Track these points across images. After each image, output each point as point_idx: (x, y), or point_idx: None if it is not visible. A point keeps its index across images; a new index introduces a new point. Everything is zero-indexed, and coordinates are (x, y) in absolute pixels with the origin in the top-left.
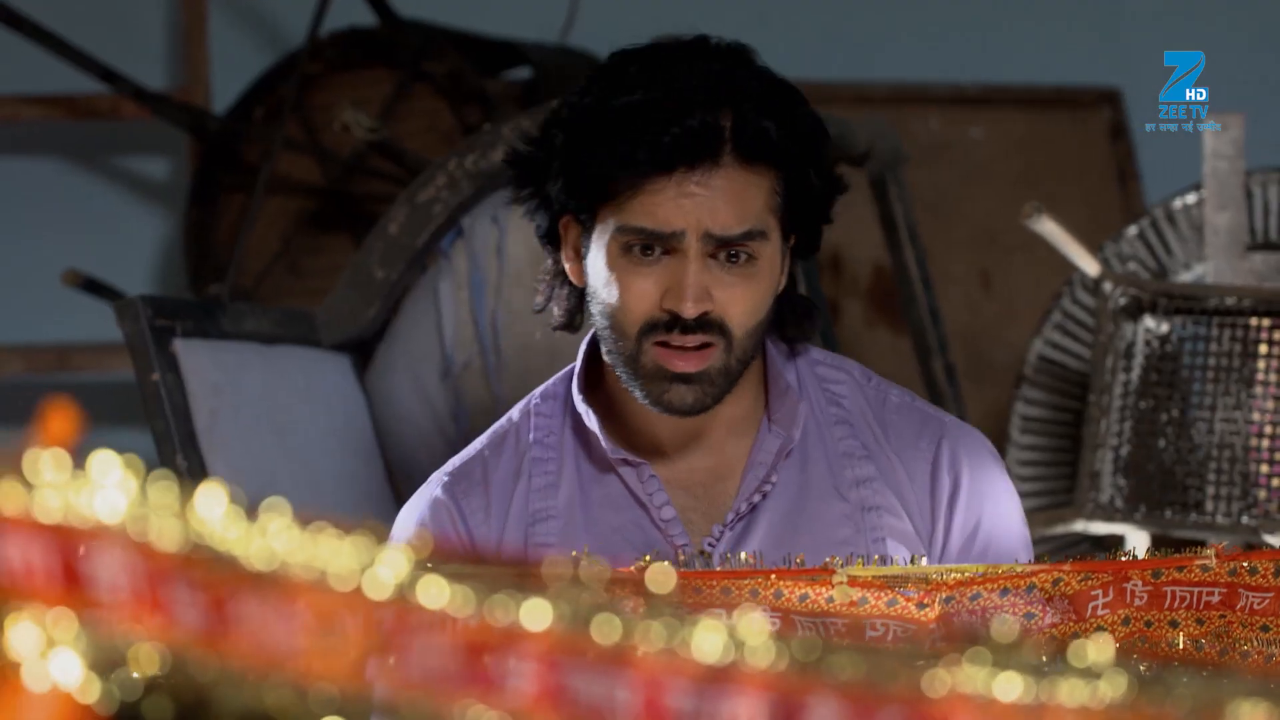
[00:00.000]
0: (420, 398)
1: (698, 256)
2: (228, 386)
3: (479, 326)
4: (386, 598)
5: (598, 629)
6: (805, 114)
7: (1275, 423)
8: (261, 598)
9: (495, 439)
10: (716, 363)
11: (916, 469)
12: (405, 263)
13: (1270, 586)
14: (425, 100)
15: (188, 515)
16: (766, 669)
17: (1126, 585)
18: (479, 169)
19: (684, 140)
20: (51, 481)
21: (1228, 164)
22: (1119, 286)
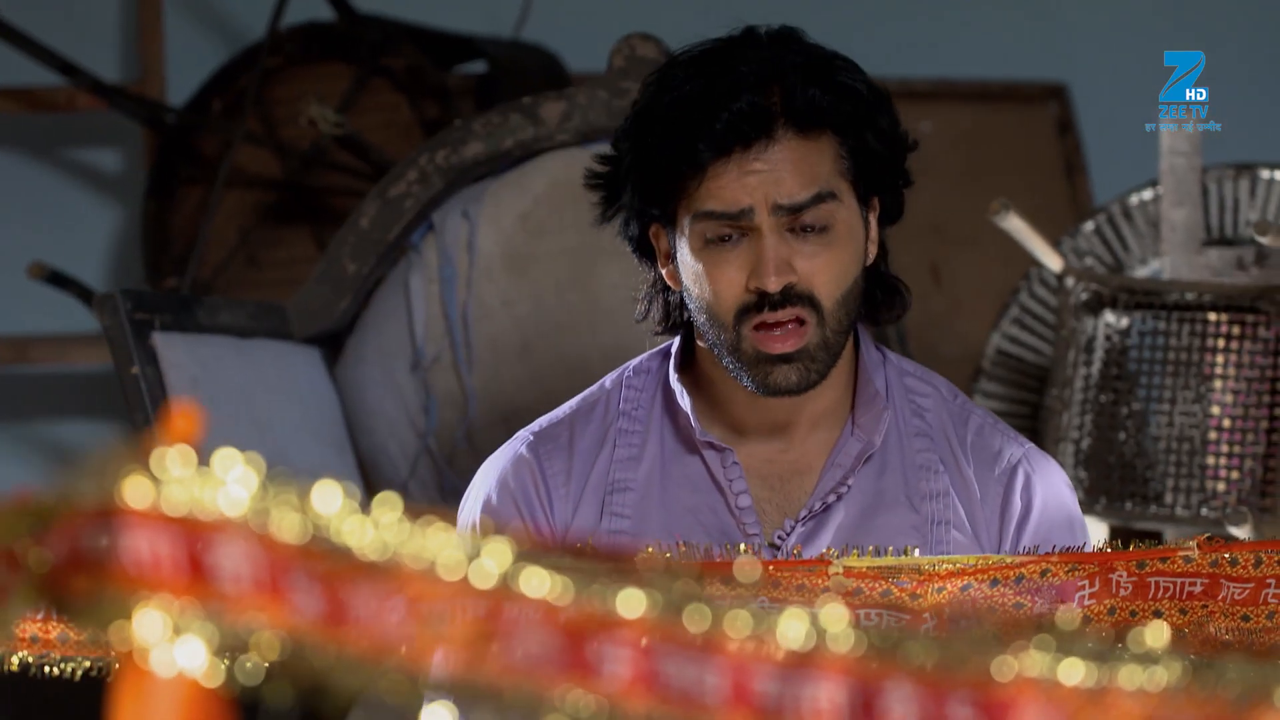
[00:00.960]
0: (391, 390)
1: (772, 230)
2: (205, 379)
3: (449, 320)
4: (491, 587)
5: (689, 617)
6: (855, 79)
7: (1233, 416)
8: (374, 587)
9: (586, 405)
10: (813, 338)
11: (990, 489)
12: (376, 256)
13: (1250, 577)
14: (384, 94)
15: (306, 509)
16: (846, 655)
17: (1112, 576)
18: (450, 164)
19: (735, 121)
20: (178, 477)
21: (1185, 161)
22: (1081, 282)
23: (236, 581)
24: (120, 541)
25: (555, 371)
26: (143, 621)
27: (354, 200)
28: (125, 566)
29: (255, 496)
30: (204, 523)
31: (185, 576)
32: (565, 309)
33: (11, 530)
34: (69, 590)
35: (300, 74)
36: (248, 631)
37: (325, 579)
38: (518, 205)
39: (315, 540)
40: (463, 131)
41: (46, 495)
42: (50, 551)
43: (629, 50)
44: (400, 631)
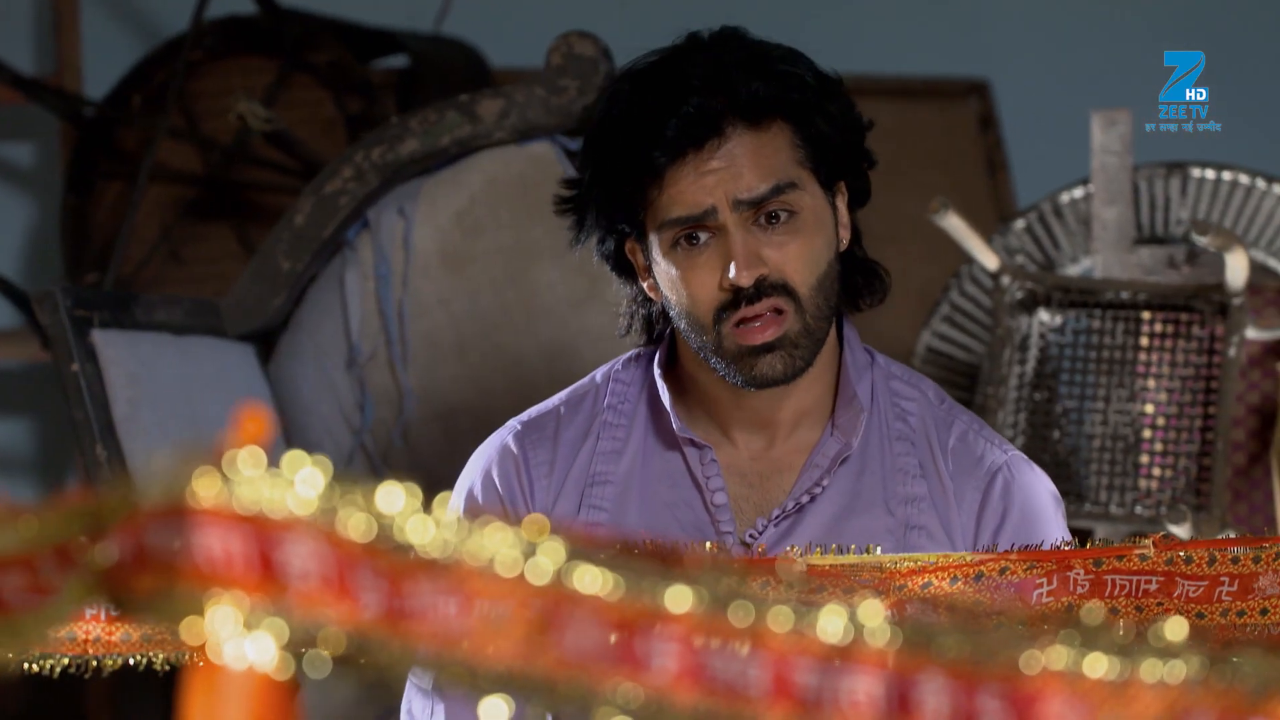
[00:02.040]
0: (325, 387)
1: (738, 226)
2: (145, 376)
3: (385, 317)
4: (546, 584)
5: (734, 612)
6: (800, 68)
7: (1167, 414)
8: (435, 584)
9: (575, 397)
10: (793, 325)
11: (967, 496)
12: (311, 254)
13: (1205, 575)
14: (307, 89)
15: (370, 508)
16: (882, 649)
17: (1069, 574)
18: (386, 161)
19: (685, 125)
20: (248, 478)
21: (1116, 159)
22: (1016, 280)
23: (305, 578)
24: (192, 540)
25: (492, 369)
26: (215, 617)
27: (278, 196)
28: (197, 564)
29: (322, 496)
30: (273, 522)
31: (256, 574)
32: (502, 307)
33: (63, 529)
34: (132, 587)
35: (221, 68)
36: (315, 627)
37: (389, 576)
38: (454, 203)
39: (380, 538)
40: (399, 129)
41: (106, 495)
42: (114, 549)
43: (566, 48)
44: (460, 626)
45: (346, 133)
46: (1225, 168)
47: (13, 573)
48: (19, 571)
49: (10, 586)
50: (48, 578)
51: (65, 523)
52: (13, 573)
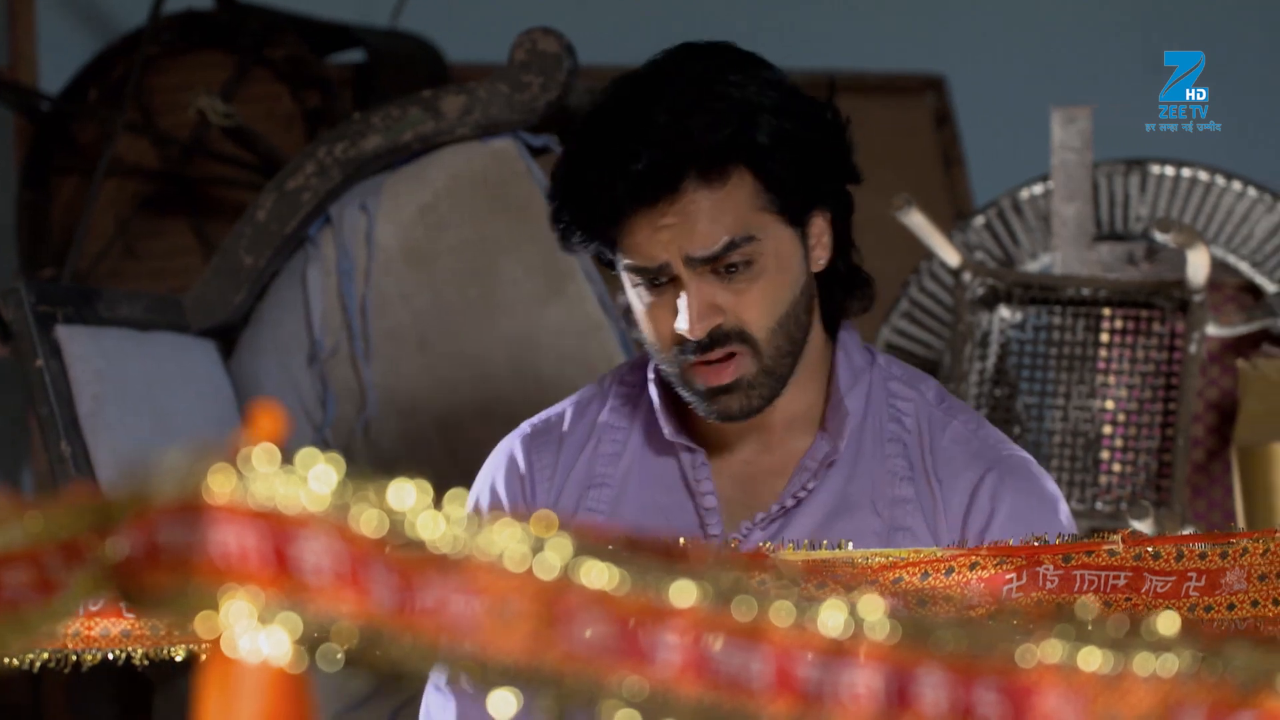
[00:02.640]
0: (287, 383)
1: (691, 279)
2: (109, 372)
3: (348, 312)
4: (553, 579)
5: (737, 607)
6: (766, 103)
7: (1127, 410)
8: (446, 579)
9: (583, 399)
10: (750, 368)
11: (954, 497)
12: (273, 249)
13: (1172, 570)
14: (265, 84)
15: (382, 504)
16: (882, 642)
17: (1039, 569)
18: (348, 157)
19: (637, 184)
20: (262, 475)
21: (1076, 156)
22: (977, 277)
23: (318, 574)
24: (207, 536)
25: (454, 365)
26: (230, 612)
27: (236, 191)
28: (212, 560)
29: (335, 492)
30: (287, 518)
31: (270, 569)
32: (465, 303)
33: (70, 525)
34: (144, 583)
35: (179, 63)
36: (329, 621)
37: (401, 571)
38: (417, 198)
39: (391, 534)
40: (361, 124)
41: (117, 492)
42: (125, 545)
43: (530, 44)
44: (470, 620)
45: (305, 128)
46: (1184, 164)
47: (18, 568)
48: (24, 567)
49: (15, 582)
50: (54, 574)
51: (72, 518)
52: (18, 568)
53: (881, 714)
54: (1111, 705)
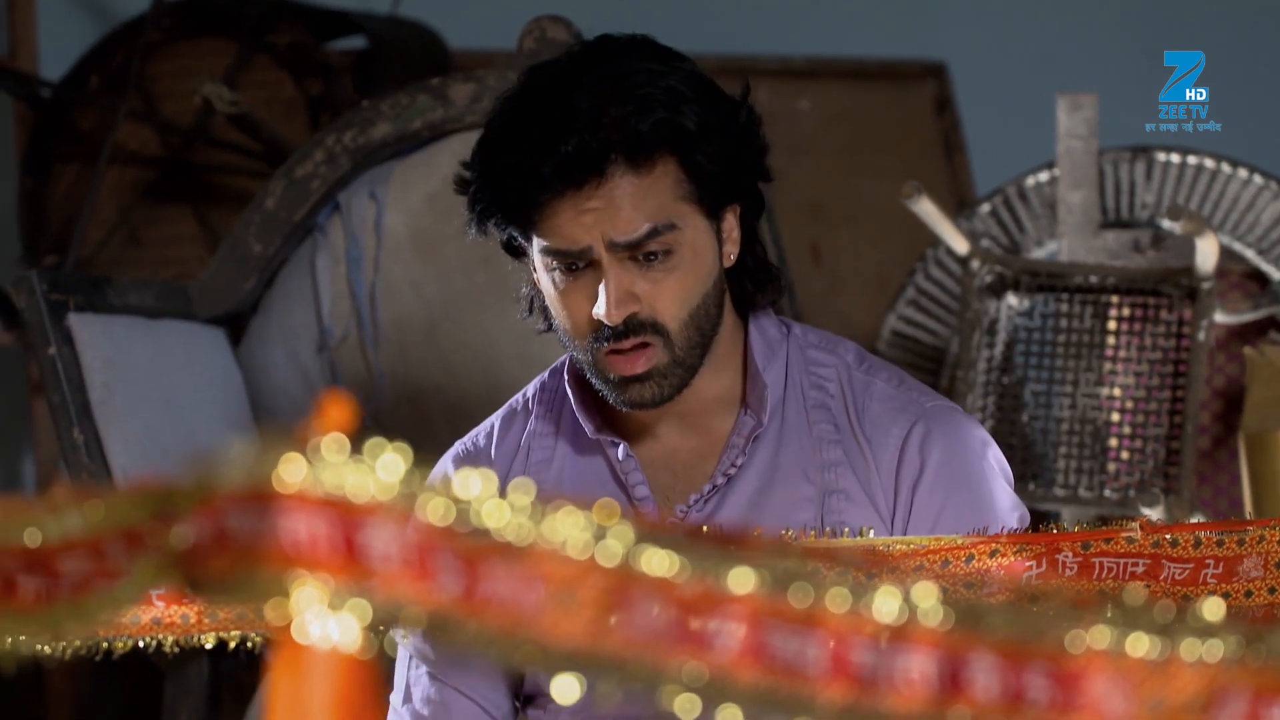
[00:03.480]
0: (296, 370)
1: (612, 265)
2: (119, 360)
3: (357, 300)
4: (615, 566)
5: (794, 593)
6: (690, 93)
7: (1135, 398)
8: (511, 566)
9: (509, 411)
10: (661, 358)
11: (884, 454)
12: (282, 237)
13: (1190, 558)
14: (267, 71)
15: (449, 493)
16: (935, 628)
17: (1058, 557)
18: (357, 144)
19: (564, 163)
20: (332, 463)
21: (1081, 144)
22: (985, 264)
23: (386, 561)
24: (277, 524)
25: (463, 352)
26: (301, 599)
27: (239, 179)
28: (282, 547)
29: (403, 481)
30: (357, 506)
31: (340, 556)
32: (473, 290)
33: (131, 513)
34: (211, 570)
35: (180, 50)
36: (396, 607)
37: (466, 558)
38: (426, 186)
39: (458, 522)
40: (370, 112)
41: (180, 480)
42: (191, 532)
43: (539, 32)
44: (533, 607)
45: (307, 114)
46: (1190, 152)
47: (79, 556)
48: (84, 555)
49: (77, 569)
50: (114, 561)
51: (133, 506)
52: (79, 556)
53: (934, 699)
54: (1158, 690)
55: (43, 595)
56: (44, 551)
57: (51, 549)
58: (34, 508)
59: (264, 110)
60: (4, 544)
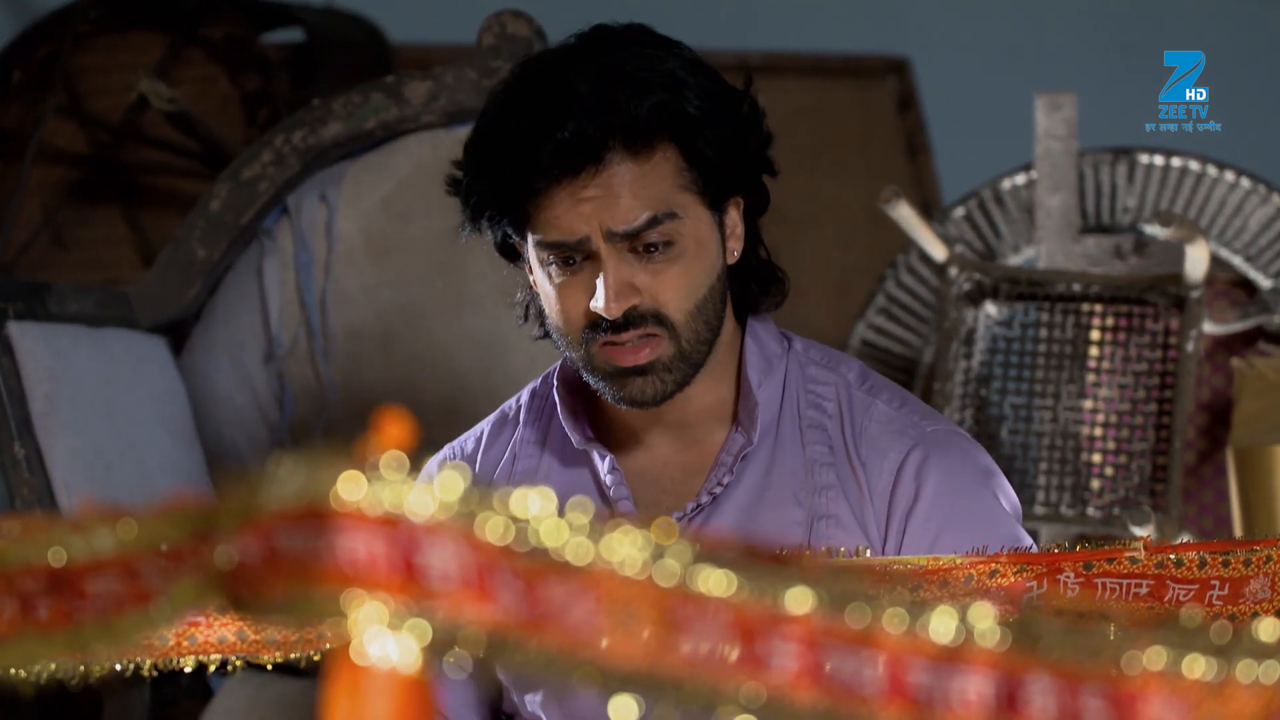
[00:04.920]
0: (242, 381)
1: (610, 256)
2: (61, 370)
3: (306, 307)
4: (672, 586)
5: (851, 613)
6: (694, 84)
7: (1119, 411)
8: (569, 585)
9: (500, 416)
10: (666, 350)
11: (878, 479)
12: (228, 242)
13: (1195, 579)
14: (199, 65)
15: (508, 512)
16: (991, 649)
17: (1059, 577)
18: (307, 145)
19: (561, 150)
20: (390, 481)
21: (1061, 145)
22: (964, 271)
23: (445, 580)
24: (334, 542)
25: (419, 362)
26: (360, 618)
27: (173, 179)
28: (340, 566)
29: (461, 500)
30: (415, 525)
31: (399, 576)
32: (430, 297)
33: (169, 532)
34: (259, 590)
35: (108, 43)
36: (456, 627)
37: (525, 578)
38: (380, 188)
39: (516, 541)
40: (321, 111)
41: (223, 499)
42: (237, 551)
43: (499, 28)
44: (592, 627)
45: (243, 111)
46: (1174, 153)
47: (109, 576)
48: (116, 574)
49: (106, 590)
50: (149, 581)
51: (170, 525)
52: (109, 576)
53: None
54: (1215, 711)
55: (67, 616)
56: (70, 571)
57: (78, 569)
58: (58, 526)
59: (197, 107)
60: (24, 563)
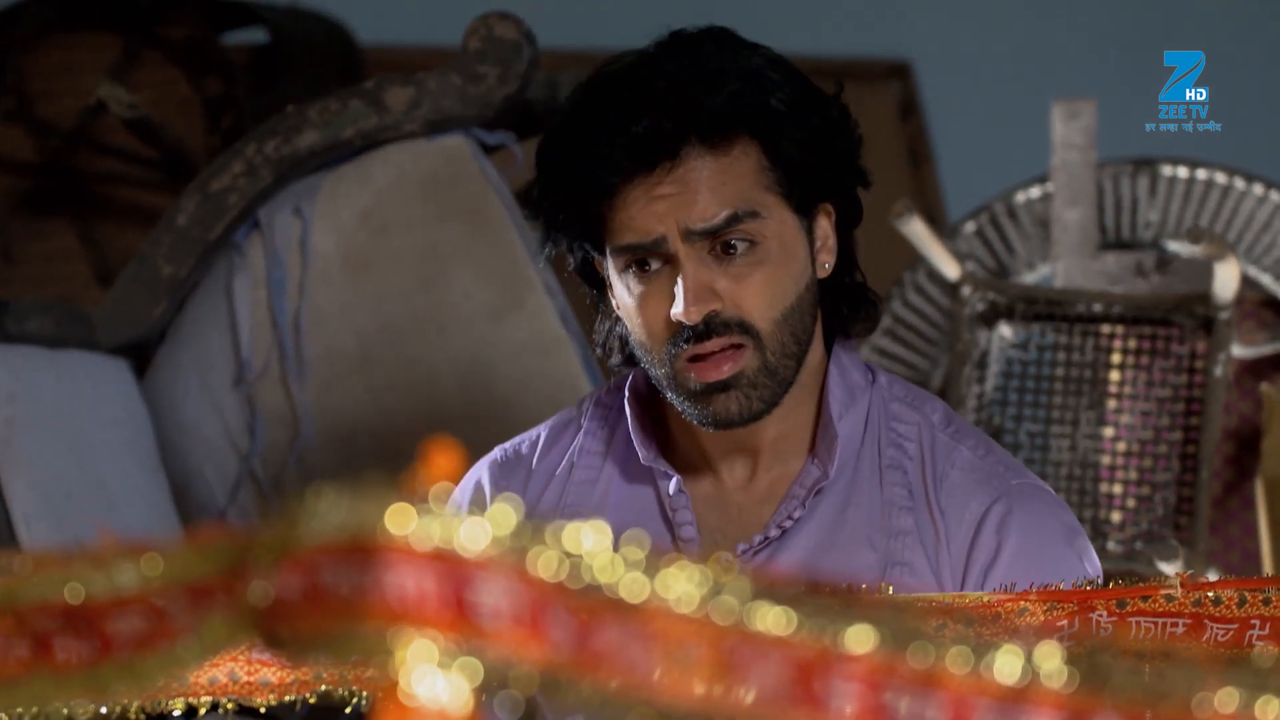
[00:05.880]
0: (209, 406)
1: (689, 257)
2: (20, 394)
3: (279, 328)
4: (730, 624)
5: (914, 653)
6: (772, 82)
7: (1141, 439)
8: (624, 623)
9: (559, 422)
10: (751, 363)
11: (958, 530)
12: (195, 258)
13: (1235, 618)
14: (157, 68)
15: (561, 546)
16: (1058, 689)
17: (1092, 615)
18: (280, 155)
19: (635, 145)
20: (440, 514)
21: (1079, 155)
22: (978, 290)
23: (497, 617)
24: (382, 578)
25: (399, 386)
26: (409, 656)
27: (130, 189)
28: (388, 603)
29: (515, 534)
30: (466, 560)
31: (450, 613)
32: (411, 317)
33: (197, 567)
34: (298, 626)
35: (59, 43)
36: (507, 666)
37: (579, 615)
38: (358, 201)
39: (570, 578)
40: (296, 119)
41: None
42: (273, 587)
43: (485, 30)
44: (648, 666)
45: (203, 117)
46: (1199, 165)
47: (131, 613)
48: (139, 611)
49: (128, 628)
50: (176, 619)
51: (198, 560)
52: (131, 613)
53: None
54: None
55: (86, 655)
56: (89, 608)
57: (99, 605)
58: (76, 561)
59: (155, 112)
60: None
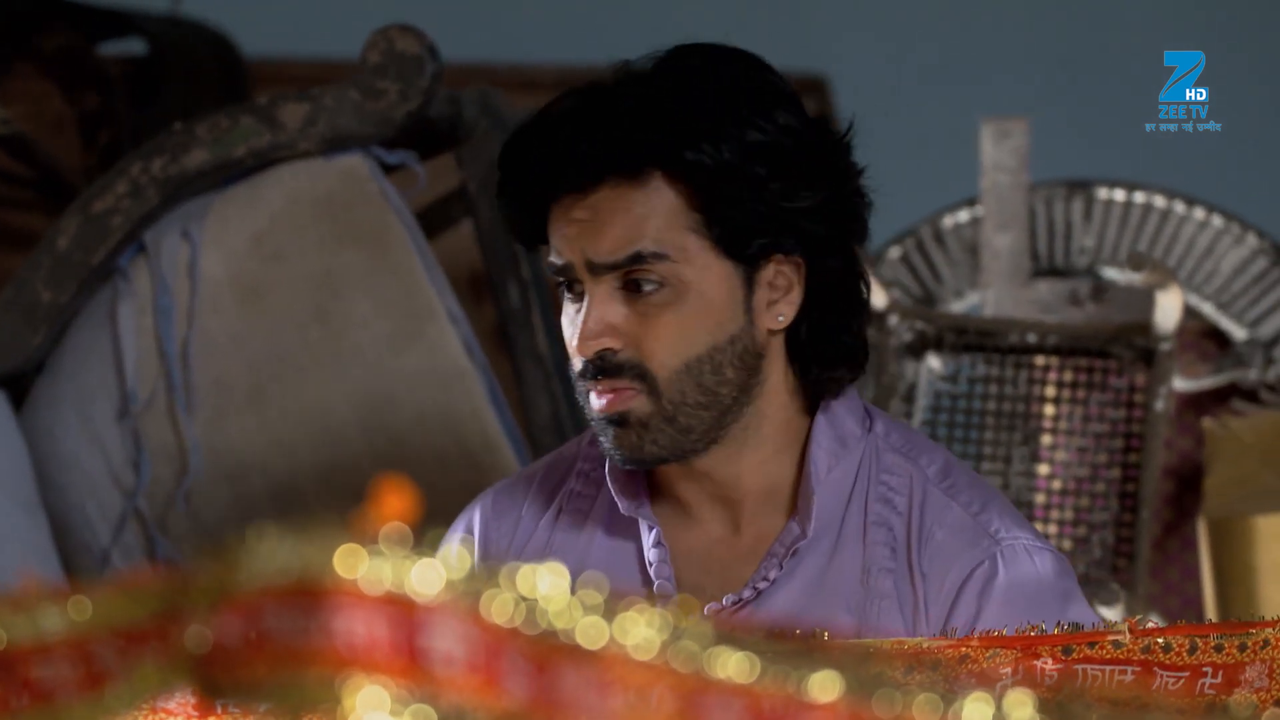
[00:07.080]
0: (91, 440)
1: (594, 290)
2: None
3: (166, 358)
4: (691, 669)
5: (879, 701)
6: (724, 115)
7: (1076, 476)
8: (581, 669)
9: (556, 460)
10: (641, 408)
11: (937, 597)
12: (77, 283)
13: (1185, 665)
14: (29, 81)
15: (516, 590)
16: None
17: (1036, 663)
18: (168, 175)
19: (554, 165)
20: (391, 557)
21: (1010, 177)
22: (905, 320)
23: (450, 663)
24: (331, 623)
25: (292, 420)
26: (359, 702)
27: (3, 211)
28: (336, 648)
29: (468, 577)
30: (418, 604)
31: (402, 658)
32: (306, 347)
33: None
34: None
35: None
36: (461, 714)
37: (536, 660)
38: (250, 224)
39: (526, 622)
40: (184, 136)
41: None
42: (211, 631)
43: (386, 44)
44: (606, 713)
45: (79, 133)
46: (1137, 187)
47: (55, 660)
48: (65, 658)
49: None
50: (105, 664)
51: (129, 604)
52: (55, 660)
53: None
54: None
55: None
56: (12, 654)
57: (21, 652)
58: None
59: (26, 127)
60: None
